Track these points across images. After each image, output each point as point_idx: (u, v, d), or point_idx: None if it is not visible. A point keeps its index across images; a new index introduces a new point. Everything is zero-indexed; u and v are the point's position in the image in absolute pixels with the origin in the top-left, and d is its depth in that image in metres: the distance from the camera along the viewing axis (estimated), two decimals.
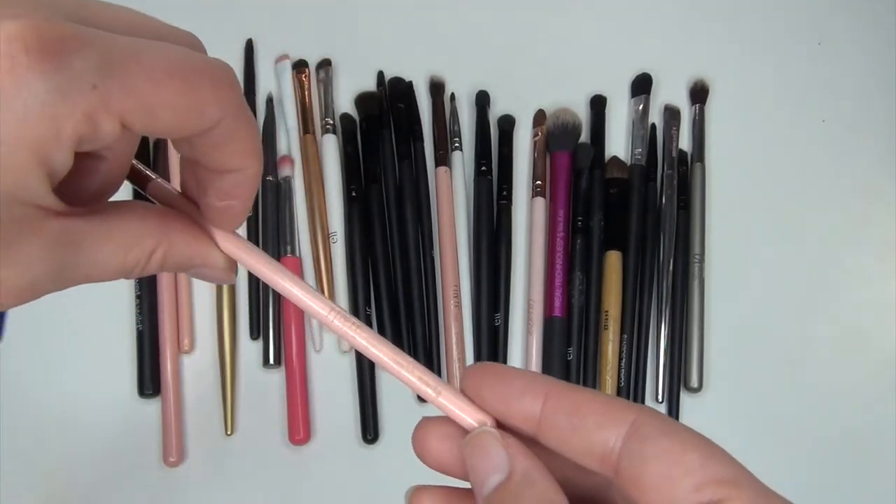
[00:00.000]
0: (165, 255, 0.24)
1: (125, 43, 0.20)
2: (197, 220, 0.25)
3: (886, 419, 0.57)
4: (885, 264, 0.61)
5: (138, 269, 0.23)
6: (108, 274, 0.23)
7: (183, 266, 0.25)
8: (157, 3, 0.71)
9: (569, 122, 0.62)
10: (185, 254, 0.24)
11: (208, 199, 0.24)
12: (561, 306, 0.58)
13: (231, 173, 0.23)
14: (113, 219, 0.23)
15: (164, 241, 0.24)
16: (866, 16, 0.66)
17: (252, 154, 0.23)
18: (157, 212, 0.24)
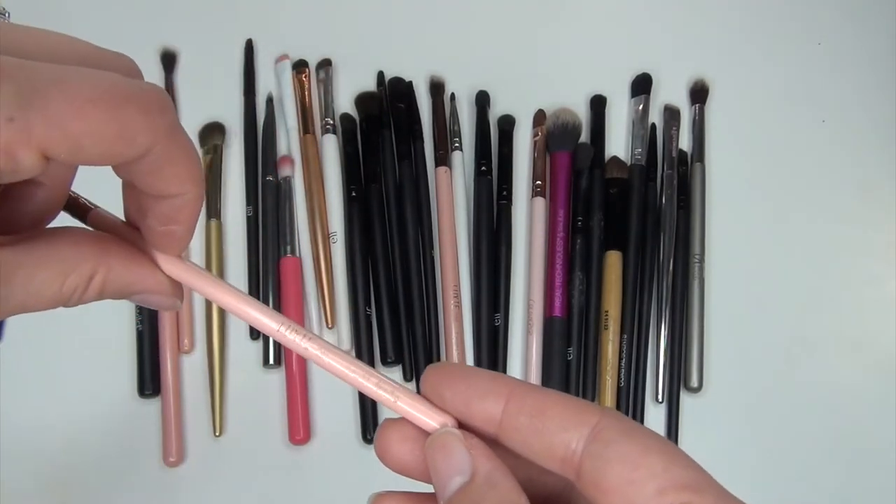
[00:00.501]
0: (105, 282, 0.23)
1: (46, 70, 0.19)
2: (139, 245, 0.24)
3: (886, 419, 0.57)
4: (886, 264, 0.61)
5: (76, 297, 0.23)
6: (45, 303, 0.22)
7: (124, 292, 0.24)
8: (157, 4, 0.71)
9: (569, 122, 0.62)
10: (125, 279, 0.24)
11: (149, 224, 0.23)
12: (561, 306, 0.58)
13: (170, 198, 0.23)
14: (47, 246, 0.22)
15: (103, 267, 0.23)
16: (866, 16, 0.66)
17: (190, 179, 0.22)
18: (94, 237, 0.24)
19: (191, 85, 0.64)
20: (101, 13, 0.66)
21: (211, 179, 0.61)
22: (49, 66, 0.19)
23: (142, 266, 0.24)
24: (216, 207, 0.60)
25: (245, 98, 0.63)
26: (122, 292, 0.24)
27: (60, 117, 0.19)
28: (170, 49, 0.64)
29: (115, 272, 0.24)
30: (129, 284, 0.24)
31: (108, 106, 0.19)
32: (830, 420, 0.57)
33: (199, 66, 0.65)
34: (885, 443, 0.57)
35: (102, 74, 0.20)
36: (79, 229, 0.24)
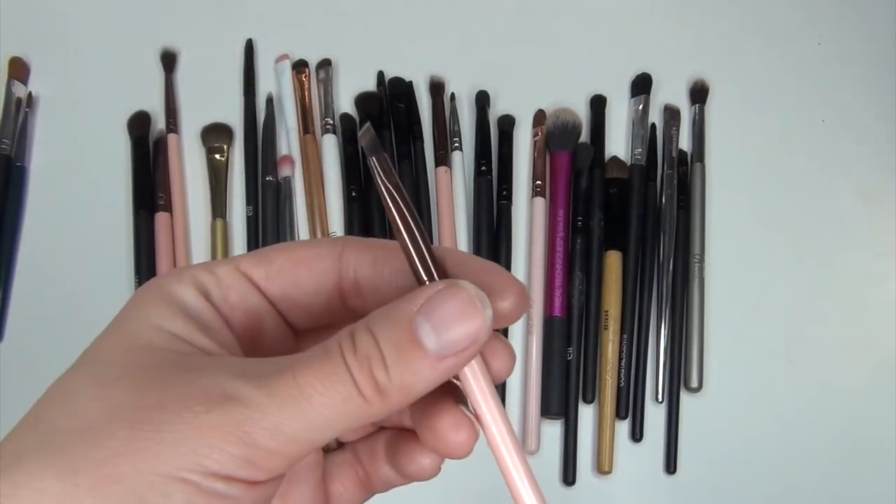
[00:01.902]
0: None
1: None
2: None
3: (886, 419, 0.57)
4: (885, 264, 0.61)
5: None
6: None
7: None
8: (157, 4, 0.71)
9: (569, 122, 0.62)
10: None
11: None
12: (561, 306, 0.58)
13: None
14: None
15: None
16: (866, 16, 0.66)
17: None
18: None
19: (191, 85, 0.64)
20: (101, 13, 0.66)
21: (218, 180, 0.61)
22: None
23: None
24: (221, 207, 0.60)
25: (245, 98, 0.63)
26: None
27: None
28: (170, 49, 0.64)
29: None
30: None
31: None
32: (830, 420, 0.57)
33: (199, 66, 0.65)
34: (885, 443, 0.57)
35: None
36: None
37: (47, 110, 0.64)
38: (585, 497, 0.56)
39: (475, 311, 0.21)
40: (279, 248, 0.25)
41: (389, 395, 0.21)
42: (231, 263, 0.24)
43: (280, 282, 0.24)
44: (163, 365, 0.21)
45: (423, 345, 0.21)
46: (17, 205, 0.61)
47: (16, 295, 0.59)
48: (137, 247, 0.59)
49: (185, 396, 0.20)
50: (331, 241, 0.25)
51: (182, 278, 0.23)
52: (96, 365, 0.22)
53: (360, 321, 0.21)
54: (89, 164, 0.62)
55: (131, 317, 0.23)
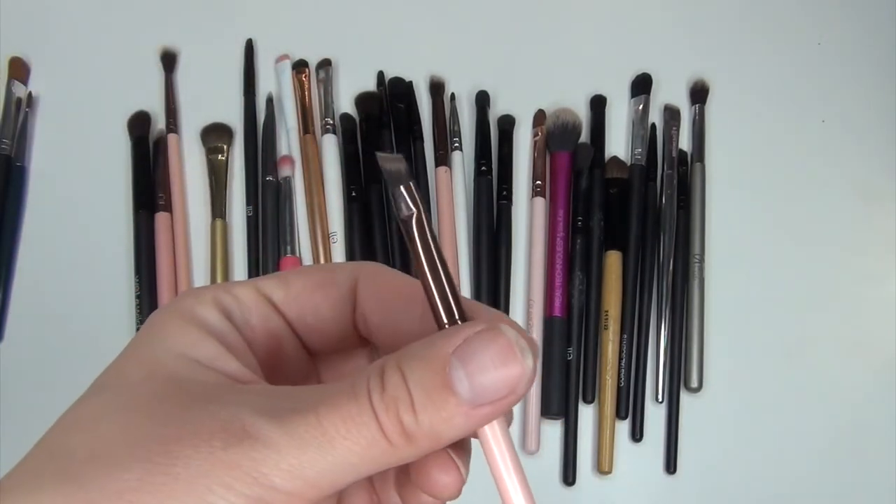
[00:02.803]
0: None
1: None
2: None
3: (887, 419, 0.57)
4: (885, 264, 0.61)
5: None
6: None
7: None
8: (157, 4, 0.71)
9: (569, 122, 0.62)
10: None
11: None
12: (561, 306, 0.58)
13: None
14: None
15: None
16: (866, 16, 0.66)
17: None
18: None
19: (191, 85, 0.64)
20: (101, 13, 0.66)
21: (217, 180, 0.61)
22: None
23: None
24: (221, 207, 0.60)
25: (245, 98, 0.63)
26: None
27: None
28: (170, 49, 0.64)
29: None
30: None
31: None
32: (830, 420, 0.57)
33: (199, 66, 0.65)
34: (885, 442, 0.57)
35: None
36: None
37: (47, 110, 0.64)
38: (585, 497, 0.56)
39: (514, 358, 0.20)
40: (297, 272, 0.24)
41: (417, 440, 0.20)
42: (251, 285, 0.23)
43: (298, 305, 0.24)
44: (184, 395, 0.20)
45: (456, 391, 0.20)
46: (17, 205, 0.61)
47: (16, 295, 0.59)
48: (137, 247, 0.59)
49: (204, 430, 0.19)
50: (348, 268, 0.24)
51: (203, 299, 0.23)
52: (117, 391, 0.21)
53: (392, 356, 0.20)
54: (89, 164, 0.62)
55: (153, 341, 0.22)
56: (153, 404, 0.20)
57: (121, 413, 0.20)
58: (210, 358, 0.21)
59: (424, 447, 0.20)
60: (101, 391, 0.21)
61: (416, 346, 0.20)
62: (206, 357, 0.21)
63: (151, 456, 0.19)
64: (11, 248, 0.60)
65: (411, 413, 0.20)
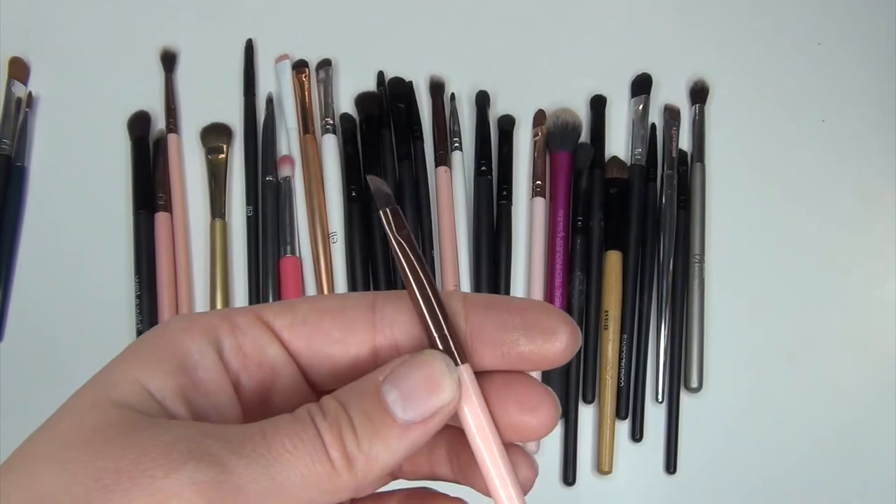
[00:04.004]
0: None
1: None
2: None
3: (887, 419, 0.57)
4: (885, 264, 0.61)
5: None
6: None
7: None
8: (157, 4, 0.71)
9: (569, 122, 0.62)
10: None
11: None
12: (561, 306, 0.58)
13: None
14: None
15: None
16: (866, 16, 0.66)
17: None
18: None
19: (191, 85, 0.64)
20: (101, 13, 0.66)
21: (217, 180, 0.61)
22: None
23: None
24: (221, 207, 0.60)
25: (245, 98, 0.63)
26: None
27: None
28: (170, 49, 0.64)
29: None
30: None
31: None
32: (830, 420, 0.57)
33: (199, 66, 0.65)
34: (885, 443, 0.57)
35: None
36: None
37: (47, 110, 0.64)
38: (585, 497, 0.56)
39: (441, 381, 0.21)
40: (306, 298, 0.24)
41: (356, 464, 0.20)
42: (253, 311, 0.23)
43: (305, 331, 0.23)
44: (127, 423, 0.20)
45: (392, 412, 0.21)
46: (17, 205, 0.61)
47: (16, 295, 0.59)
48: (137, 247, 0.59)
49: (144, 458, 0.19)
50: (360, 294, 0.24)
51: (193, 324, 0.22)
52: (59, 424, 0.20)
53: (326, 396, 0.21)
54: (89, 164, 0.62)
55: (118, 364, 0.21)
56: (94, 436, 0.19)
57: (59, 450, 0.19)
58: (161, 393, 0.21)
59: (361, 473, 0.20)
60: (45, 427, 0.21)
61: (350, 384, 0.21)
62: (158, 391, 0.21)
63: (88, 492, 0.18)
64: (11, 248, 0.60)
65: (352, 433, 0.20)
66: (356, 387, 0.21)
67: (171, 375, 0.21)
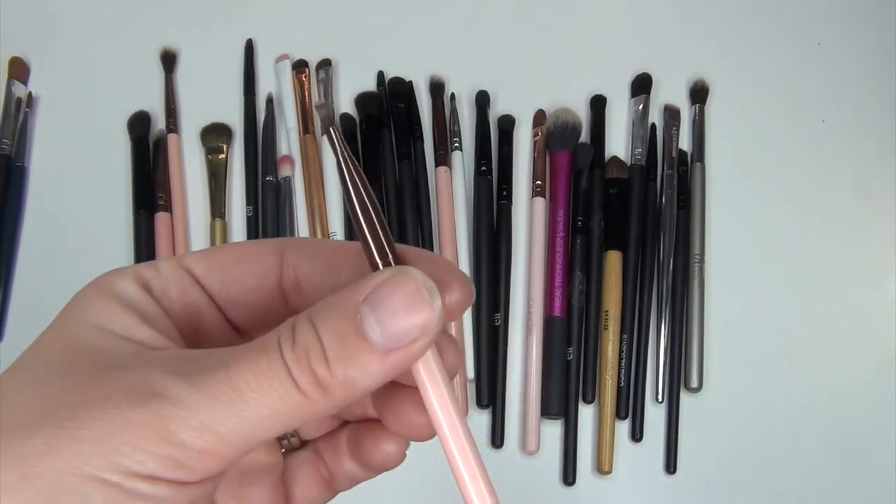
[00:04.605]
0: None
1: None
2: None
3: (887, 420, 0.57)
4: (885, 264, 0.61)
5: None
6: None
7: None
8: (157, 4, 0.71)
9: (569, 122, 0.62)
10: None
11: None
12: (561, 306, 0.58)
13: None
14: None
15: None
16: (866, 17, 0.66)
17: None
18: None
19: (191, 85, 0.64)
20: (101, 13, 0.66)
21: (217, 180, 0.61)
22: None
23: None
24: (221, 207, 0.60)
25: (245, 98, 0.63)
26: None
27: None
28: (170, 49, 0.64)
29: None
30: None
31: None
32: (830, 420, 0.57)
33: (199, 66, 0.65)
34: (885, 443, 0.57)
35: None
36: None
37: (47, 110, 0.64)
38: (585, 497, 0.56)
39: (423, 301, 0.20)
40: (223, 247, 0.24)
41: (332, 390, 0.20)
42: (175, 259, 0.24)
43: (220, 277, 0.24)
44: (97, 364, 0.20)
45: (369, 337, 0.20)
46: (17, 205, 0.61)
47: (16, 295, 0.59)
48: (137, 247, 0.59)
49: (111, 393, 0.19)
50: (276, 241, 0.24)
51: (124, 273, 0.23)
52: (33, 365, 0.21)
53: (303, 312, 0.21)
54: (89, 164, 0.62)
55: (72, 315, 0.22)
56: (66, 374, 0.20)
57: (32, 385, 0.20)
58: (125, 328, 0.21)
59: (340, 398, 0.20)
60: (17, 366, 0.21)
61: (328, 298, 0.21)
62: (121, 327, 0.21)
63: (58, 421, 0.19)
64: (11, 248, 0.60)
65: (323, 363, 0.20)
66: (333, 304, 0.20)
67: (121, 314, 0.22)
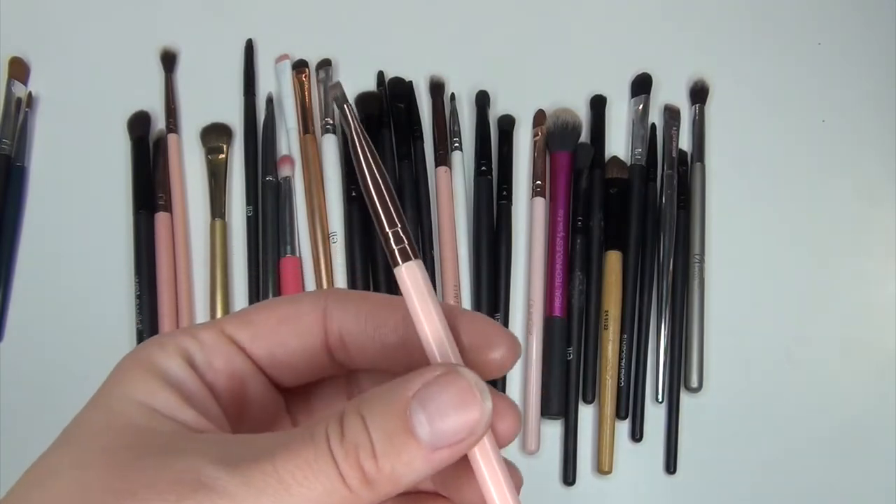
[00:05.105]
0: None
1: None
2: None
3: (887, 419, 0.57)
4: (886, 264, 0.61)
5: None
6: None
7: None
8: (157, 4, 0.71)
9: (569, 122, 0.62)
10: None
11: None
12: (561, 306, 0.58)
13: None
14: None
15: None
16: (866, 16, 0.66)
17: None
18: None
19: (191, 85, 0.64)
20: (101, 13, 0.66)
21: (217, 180, 0.61)
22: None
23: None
24: (221, 207, 0.60)
25: (245, 98, 0.63)
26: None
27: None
28: (170, 49, 0.64)
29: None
30: None
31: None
32: (830, 420, 0.57)
33: (199, 66, 0.65)
34: (885, 443, 0.57)
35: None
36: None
37: (47, 110, 0.64)
38: (585, 497, 0.56)
39: (474, 401, 0.20)
40: (261, 307, 0.24)
41: (377, 485, 0.20)
42: (215, 327, 0.23)
43: (265, 343, 0.23)
44: (141, 445, 0.20)
45: (417, 435, 0.20)
46: (17, 205, 0.61)
47: (16, 295, 0.59)
48: (137, 247, 0.59)
49: (158, 482, 0.19)
50: (313, 296, 0.24)
51: (166, 346, 0.22)
52: (76, 444, 0.21)
53: (351, 403, 0.20)
54: (89, 164, 0.62)
55: (114, 391, 0.22)
56: (110, 457, 0.20)
57: (77, 468, 0.20)
58: (168, 407, 0.21)
59: (383, 492, 0.20)
60: (62, 444, 0.21)
61: (377, 390, 0.20)
62: (164, 406, 0.21)
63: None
64: (11, 248, 0.60)
65: (372, 458, 0.19)
66: (381, 400, 0.20)
67: (164, 392, 0.21)
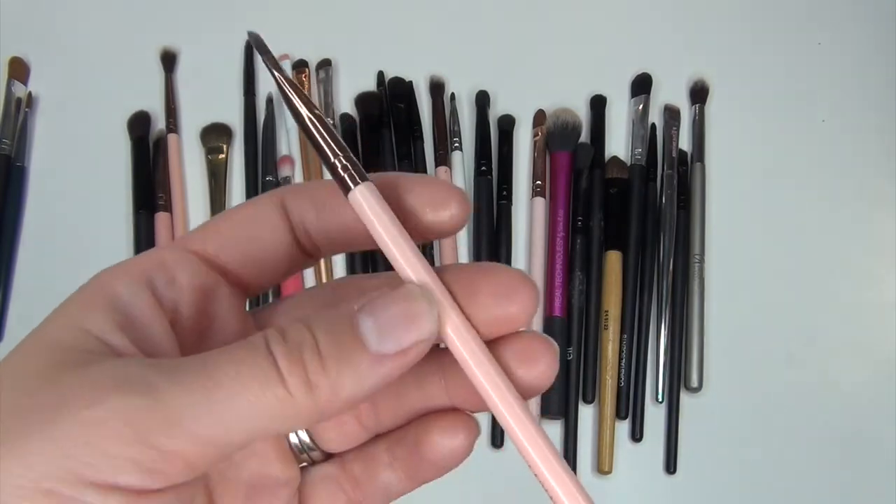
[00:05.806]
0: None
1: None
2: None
3: (887, 419, 0.57)
4: (886, 264, 0.61)
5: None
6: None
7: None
8: (157, 4, 0.71)
9: (569, 122, 0.62)
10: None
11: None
12: (561, 306, 0.58)
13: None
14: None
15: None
16: (866, 16, 0.66)
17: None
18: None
19: (191, 85, 0.64)
20: (101, 13, 0.66)
21: (217, 180, 0.61)
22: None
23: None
24: (221, 207, 0.60)
25: (245, 98, 0.63)
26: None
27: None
28: (170, 49, 0.64)
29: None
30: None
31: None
32: (830, 420, 0.57)
33: (199, 66, 0.65)
34: (886, 443, 0.57)
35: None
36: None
37: (47, 110, 0.64)
38: None
39: (421, 308, 0.20)
40: (223, 216, 0.23)
41: (318, 392, 0.18)
42: (180, 245, 0.22)
43: (236, 245, 0.22)
44: (64, 363, 0.19)
45: (365, 338, 0.19)
46: (17, 205, 0.61)
47: (16, 295, 0.59)
48: (137, 247, 0.59)
49: (69, 394, 0.18)
50: (269, 194, 0.23)
51: (122, 268, 0.21)
52: (8, 363, 0.20)
53: (290, 318, 0.20)
54: (89, 164, 0.62)
55: (57, 314, 0.20)
56: (30, 377, 0.19)
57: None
58: (100, 329, 0.20)
59: (323, 402, 0.19)
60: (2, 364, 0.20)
61: (321, 310, 0.20)
62: (97, 328, 0.20)
63: (10, 430, 0.17)
64: (11, 248, 0.60)
65: (317, 357, 0.19)
66: (328, 312, 0.20)
67: (105, 313, 0.20)
